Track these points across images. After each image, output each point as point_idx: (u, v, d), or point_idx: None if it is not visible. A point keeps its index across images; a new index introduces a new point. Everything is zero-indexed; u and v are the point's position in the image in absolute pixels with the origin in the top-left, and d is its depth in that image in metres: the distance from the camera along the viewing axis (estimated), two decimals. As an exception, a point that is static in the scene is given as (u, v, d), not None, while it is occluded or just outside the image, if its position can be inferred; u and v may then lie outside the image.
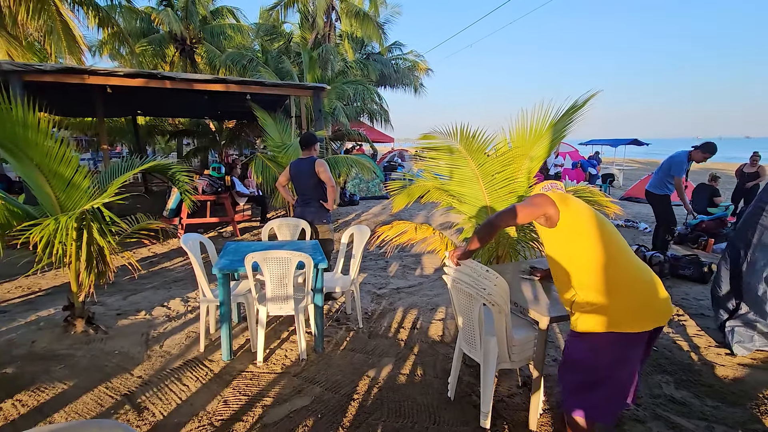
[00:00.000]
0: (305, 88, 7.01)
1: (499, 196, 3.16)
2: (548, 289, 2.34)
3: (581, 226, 1.74)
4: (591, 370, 1.73)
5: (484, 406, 2.19)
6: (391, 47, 16.99)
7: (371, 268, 5.11)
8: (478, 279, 2.04)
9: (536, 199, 1.82)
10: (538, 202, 1.80)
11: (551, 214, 1.76)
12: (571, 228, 1.75)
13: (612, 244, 1.72)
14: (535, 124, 3.03)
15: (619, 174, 15.79)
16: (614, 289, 1.66)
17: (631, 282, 1.68)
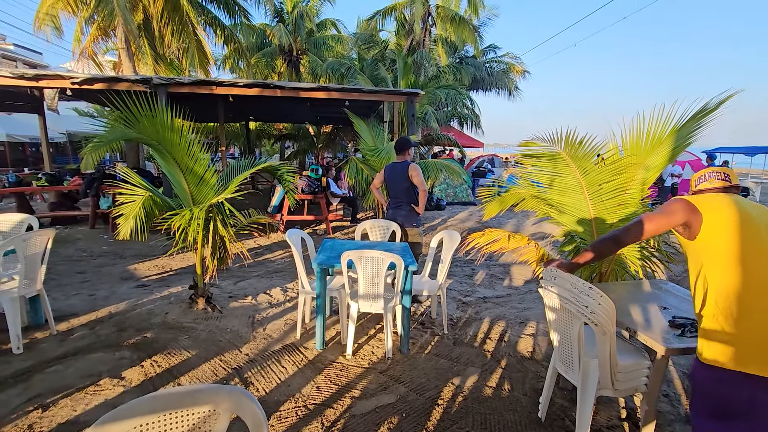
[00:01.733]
0: (400, 94, 7.19)
1: (605, 207, 2.91)
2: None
3: (727, 240, 1.46)
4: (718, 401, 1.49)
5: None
6: (486, 50, 16.60)
7: (457, 275, 5.05)
8: (579, 295, 1.91)
9: (672, 206, 1.60)
10: (673, 209, 1.58)
11: (692, 222, 1.52)
12: (713, 240, 1.49)
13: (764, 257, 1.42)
14: (653, 129, 2.73)
15: (756, 188, 13.38)
16: (751, 317, 1.40)
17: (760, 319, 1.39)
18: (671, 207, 1.60)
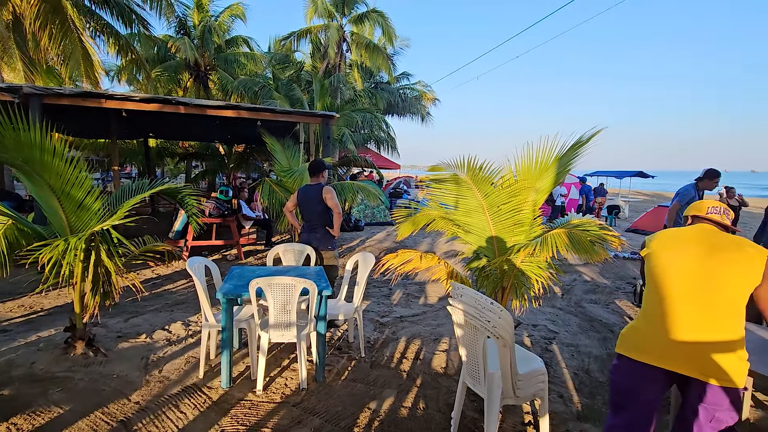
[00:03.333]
0: (315, 116, 7.18)
1: (504, 227, 3.16)
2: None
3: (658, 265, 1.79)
4: (612, 388, 1.83)
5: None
6: (399, 77, 17.48)
7: (374, 296, 5.07)
8: (482, 311, 2.02)
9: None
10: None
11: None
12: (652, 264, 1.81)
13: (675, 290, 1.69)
14: (540, 157, 3.06)
15: (625, 206, 15.77)
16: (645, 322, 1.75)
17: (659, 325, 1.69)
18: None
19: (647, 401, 1.72)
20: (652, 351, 1.68)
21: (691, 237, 1.79)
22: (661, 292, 1.72)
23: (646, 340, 1.71)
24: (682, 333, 1.63)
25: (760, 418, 2.69)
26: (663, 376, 1.67)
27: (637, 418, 1.73)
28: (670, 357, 1.64)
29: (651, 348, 1.68)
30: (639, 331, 1.76)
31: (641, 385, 1.70)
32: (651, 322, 1.72)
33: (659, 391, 1.72)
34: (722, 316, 1.62)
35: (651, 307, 1.75)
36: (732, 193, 7.86)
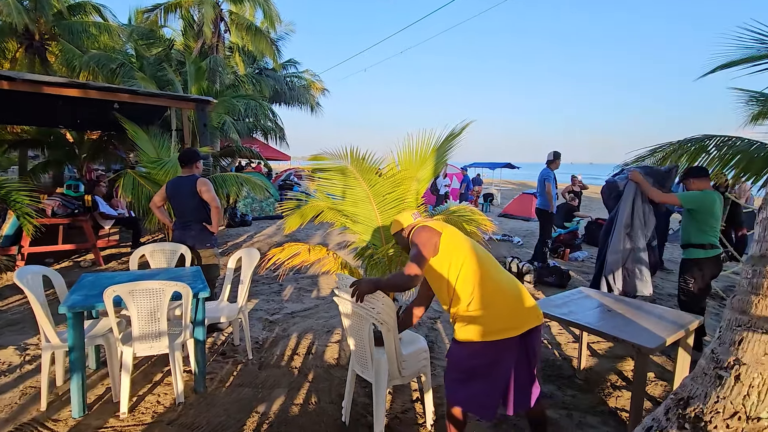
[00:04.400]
0: (188, 100, 6.45)
1: (389, 216, 3.26)
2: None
3: (458, 249, 1.92)
4: (466, 370, 1.88)
5: (377, 426, 2.18)
6: (286, 64, 16.77)
7: (264, 293, 4.83)
8: (367, 300, 2.05)
9: (423, 236, 1.96)
10: (427, 237, 1.95)
11: (437, 241, 1.93)
12: (450, 251, 1.92)
13: (483, 261, 1.91)
14: (419, 148, 3.23)
15: (497, 194, 17.77)
16: (488, 303, 1.82)
17: (501, 296, 1.85)
18: (423, 237, 1.97)
19: (506, 369, 1.86)
20: (513, 325, 1.82)
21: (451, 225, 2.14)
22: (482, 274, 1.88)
23: (503, 318, 1.82)
24: (518, 296, 1.88)
25: (594, 363, 3.29)
26: (516, 341, 1.85)
27: (499, 383, 1.86)
28: (525, 320, 1.85)
29: (511, 323, 1.82)
30: (493, 314, 1.83)
31: (503, 355, 1.84)
32: (495, 302, 1.84)
33: (514, 356, 1.88)
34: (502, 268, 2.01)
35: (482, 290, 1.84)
36: (575, 180, 9.44)
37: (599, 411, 2.65)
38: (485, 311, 1.81)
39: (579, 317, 2.54)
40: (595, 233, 8.20)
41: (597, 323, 2.44)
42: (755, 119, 4.97)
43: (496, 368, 1.85)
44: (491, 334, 1.80)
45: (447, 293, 1.91)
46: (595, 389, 2.90)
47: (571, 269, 6.05)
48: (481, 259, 1.92)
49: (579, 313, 2.61)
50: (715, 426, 1.28)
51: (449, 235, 1.98)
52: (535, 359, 1.92)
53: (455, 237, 1.98)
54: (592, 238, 8.21)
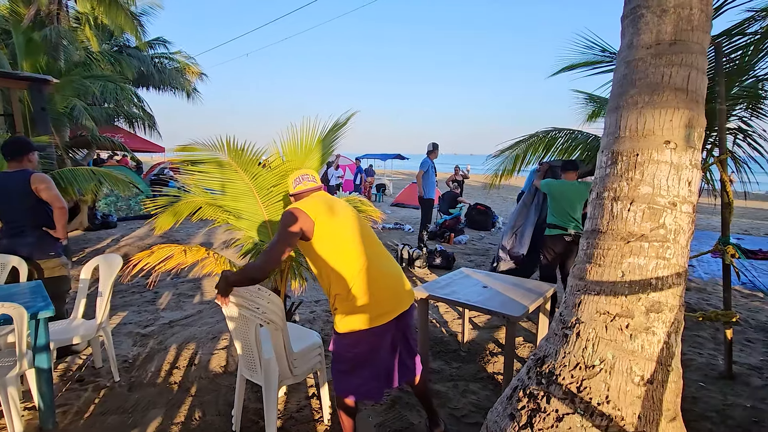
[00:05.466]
0: (16, 79, 5.24)
1: (276, 210, 3.11)
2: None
3: (338, 233, 1.87)
4: (352, 359, 1.88)
5: (269, 428, 2.08)
6: (153, 43, 14.79)
7: (134, 304, 4.23)
8: (251, 299, 1.92)
9: (288, 221, 1.83)
10: (291, 220, 1.83)
11: (307, 227, 1.83)
12: (330, 235, 1.86)
13: (366, 246, 1.89)
14: (304, 139, 3.13)
15: (389, 184, 18.41)
16: (369, 289, 1.83)
17: (382, 282, 1.86)
18: (288, 220, 1.84)
19: (388, 352, 1.92)
20: (391, 309, 1.85)
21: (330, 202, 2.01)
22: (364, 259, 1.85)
23: (382, 304, 1.83)
24: (397, 281, 1.92)
25: (475, 336, 3.63)
26: (394, 323, 1.89)
27: (382, 367, 1.92)
28: (400, 303, 1.91)
29: (390, 307, 1.85)
30: (374, 301, 1.82)
31: (383, 339, 1.89)
32: (376, 288, 1.83)
33: (392, 336, 1.94)
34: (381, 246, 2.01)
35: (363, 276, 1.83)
36: (458, 170, 10.29)
37: (480, 377, 2.94)
38: (366, 298, 1.81)
39: (460, 296, 2.76)
40: (476, 218, 9.08)
41: (475, 299, 2.68)
42: (590, 118, 5.97)
43: (378, 353, 1.89)
44: (372, 321, 1.81)
45: (327, 278, 1.86)
46: (477, 359, 3.21)
47: (456, 252, 6.59)
48: (364, 243, 1.90)
49: (460, 292, 2.83)
50: (563, 377, 1.51)
51: (328, 218, 1.88)
52: (412, 335, 2.04)
53: (336, 220, 1.89)
54: (473, 222, 9.06)
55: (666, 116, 1.48)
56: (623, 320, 1.46)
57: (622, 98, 1.59)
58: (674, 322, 1.46)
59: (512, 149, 4.78)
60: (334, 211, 1.94)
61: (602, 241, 1.56)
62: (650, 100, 1.51)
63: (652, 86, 1.51)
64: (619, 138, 1.57)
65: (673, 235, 1.47)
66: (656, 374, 1.42)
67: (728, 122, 3.99)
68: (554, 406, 1.48)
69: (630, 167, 1.52)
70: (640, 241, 1.48)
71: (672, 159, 1.47)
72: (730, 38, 3.58)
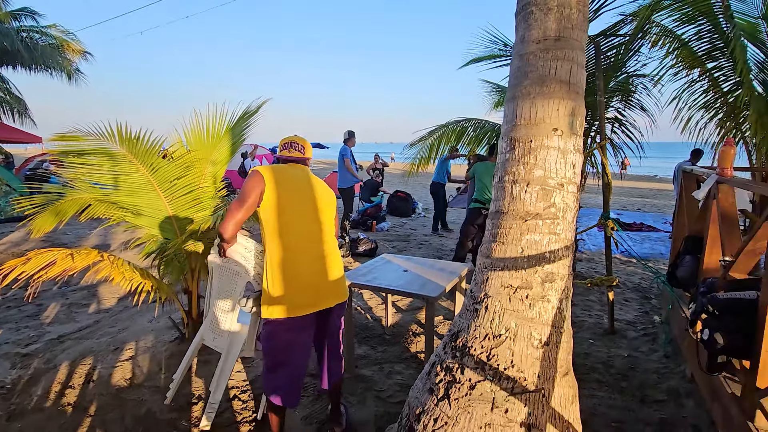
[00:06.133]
0: None
1: (183, 204, 2.87)
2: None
3: (280, 209, 1.77)
4: (271, 354, 1.85)
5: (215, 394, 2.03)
6: (18, 14, 12.51)
7: (11, 320, 3.63)
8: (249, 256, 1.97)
9: (247, 184, 1.76)
10: (249, 180, 1.76)
11: (258, 191, 1.74)
12: (270, 208, 1.76)
13: (301, 235, 1.81)
14: (211, 127, 2.92)
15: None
16: (293, 274, 1.77)
17: (307, 269, 1.82)
18: (248, 181, 1.77)
19: (303, 351, 1.88)
20: (312, 301, 1.81)
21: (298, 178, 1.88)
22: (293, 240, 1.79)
23: (305, 293, 1.79)
24: (324, 272, 1.86)
25: (399, 319, 3.75)
26: (313, 319, 1.85)
27: (297, 369, 1.89)
28: (326, 296, 1.87)
29: (312, 299, 1.80)
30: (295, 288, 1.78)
31: (298, 336, 1.83)
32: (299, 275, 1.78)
33: (310, 335, 1.91)
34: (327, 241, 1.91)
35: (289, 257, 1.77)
36: (378, 158, 10.45)
37: (404, 358, 3.05)
38: (288, 285, 1.76)
39: (381, 281, 2.82)
40: (396, 205, 9.31)
41: (396, 284, 2.76)
42: (496, 106, 6.43)
43: (292, 352, 1.84)
44: (288, 311, 1.76)
45: (266, 252, 1.81)
46: (401, 341, 3.32)
47: (378, 239, 6.71)
48: (306, 230, 1.82)
49: (381, 278, 2.89)
50: (475, 348, 1.63)
51: (280, 190, 1.76)
52: (338, 331, 2.03)
53: (287, 196, 1.78)
54: (394, 209, 9.29)
55: (553, 106, 1.64)
56: (523, 291, 1.61)
57: (517, 89, 1.73)
58: (564, 289, 1.65)
59: (427, 138, 4.97)
60: (293, 187, 1.83)
61: (504, 221, 1.70)
62: (540, 91, 1.66)
63: (542, 78, 1.66)
64: (516, 126, 1.71)
65: (562, 213, 1.65)
66: (551, 337, 1.60)
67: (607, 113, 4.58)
68: (468, 375, 1.60)
69: (525, 152, 1.67)
70: (536, 219, 1.63)
71: (559, 144, 1.64)
72: (607, 38, 4.08)
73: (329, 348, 2.01)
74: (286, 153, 1.97)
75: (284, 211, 1.78)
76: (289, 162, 1.97)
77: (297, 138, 2.01)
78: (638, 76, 4.51)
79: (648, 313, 3.93)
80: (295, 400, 1.89)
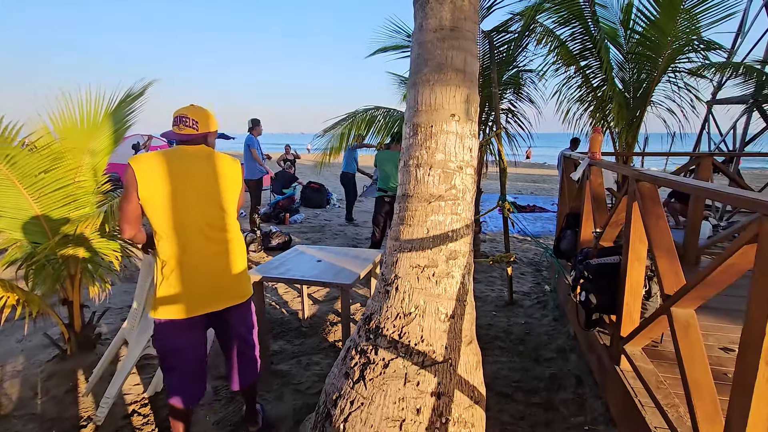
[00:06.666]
0: None
1: (52, 203, 2.47)
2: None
3: (161, 202, 1.59)
4: (162, 356, 1.73)
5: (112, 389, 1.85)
6: None
7: None
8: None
9: (124, 176, 1.59)
10: (125, 178, 1.59)
11: (133, 187, 1.56)
12: (150, 202, 1.58)
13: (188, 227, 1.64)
14: (87, 112, 2.54)
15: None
16: (178, 278, 1.63)
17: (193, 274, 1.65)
18: (125, 176, 1.59)
19: (192, 353, 1.74)
20: (193, 304, 1.65)
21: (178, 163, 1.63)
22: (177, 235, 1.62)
23: (186, 293, 1.64)
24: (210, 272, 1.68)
25: (316, 310, 3.70)
26: (203, 319, 1.72)
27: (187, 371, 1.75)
28: (213, 299, 1.70)
29: (191, 301, 1.65)
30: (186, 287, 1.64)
31: (185, 338, 1.70)
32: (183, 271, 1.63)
33: (202, 338, 1.78)
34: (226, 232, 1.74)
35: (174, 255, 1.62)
36: (288, 149, 10.10)
37: (322, 348, 3.03)
38: (177, 283, 1.62)
39: (295, 273, 2.75)
40: (310, 196, 9.13)
41: (310, 274, 2.71)
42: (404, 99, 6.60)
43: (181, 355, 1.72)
44: (173, 311, 1.63)
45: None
46: (318, 331, 3.29)
47: (292, 231, 6.54)
48: (196, 223, 1.64)
49: (295, 270, 2.82)
50: (387, 329, 1.67)
51: (158, 182, 1.56)
52: (248, 331, 1.89)
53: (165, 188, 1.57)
54: (308, 201, 9.11)
55: (450, 93, 1.73)
56: (430, 270, 1.70)
57: (417, 76, 1.79)
58: (467, 265, 1.77)
59: (336, 127, 4.93)
60: (180, 175, 1.60)
61: (411, 204, 1.76)
62: (439, 78, 1.74)
63: (440, 66, 1.74)
64: (418, 111, 1.77)
65: (462, 194, 1.76)
66: (456, 310, 1.71)
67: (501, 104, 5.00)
68: (381, 355, 1.64)
69: (427, 137, 1.74)
70: (439, 201, 1.72)
71: (457, 130, 1.74)
72: (499, 34, 4.43)
73: (240, 349, 1.89)
74: (175, 131, 1.70)
75: (167, 206, 1.59)
76: (182, 143, 1.70)
77: (190, 109, 1.70)
78: (526, 71, 4.99)
79: (540, 284, 4.43)
80: (191, 401, 1.78)
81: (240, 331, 1.86)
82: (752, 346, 1.08)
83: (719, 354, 2.17)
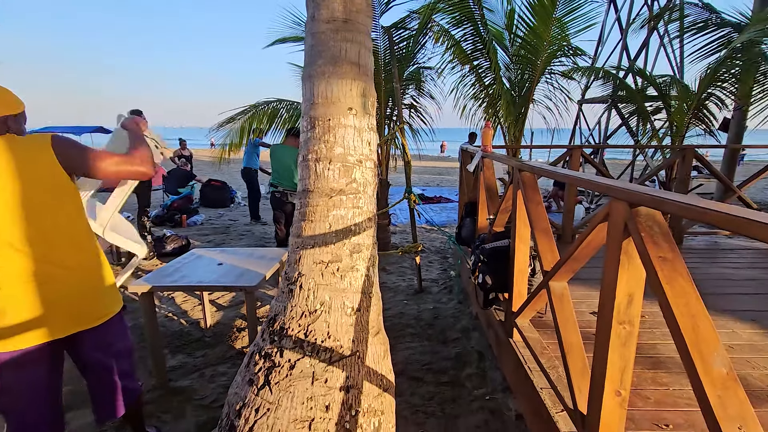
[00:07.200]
0: None
1: None
2: None
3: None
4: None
5: None
6: None
7: None
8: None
9: None
10: None
11: None
12: None
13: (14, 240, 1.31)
14: None
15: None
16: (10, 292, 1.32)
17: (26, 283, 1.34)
18: None
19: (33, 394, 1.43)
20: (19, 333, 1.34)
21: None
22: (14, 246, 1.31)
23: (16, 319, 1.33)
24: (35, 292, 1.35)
25: (220, 317, 3.46)
26: (46, 350, 1.40)
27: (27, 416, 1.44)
28: (46, 326, 1.38)
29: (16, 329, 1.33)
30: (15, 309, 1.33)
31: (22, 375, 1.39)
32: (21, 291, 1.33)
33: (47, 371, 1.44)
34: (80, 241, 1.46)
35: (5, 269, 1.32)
36: (184, 145, 9.27)
37: (228, 357, 2.84)
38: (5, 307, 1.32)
39: (192, 278, 2.52)
40: (210, 195, 8.49)
41: (209, 279, 2.51)
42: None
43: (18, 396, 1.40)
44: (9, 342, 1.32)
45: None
46: (223, 339, 3.08)
47: (191, 234, 6.02)
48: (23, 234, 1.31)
49: (192, 275, 2.59)
50: (292, 329, 1.62)
51: None
52: (110, 356, 1.58)
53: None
54: (208, 200, 8.46)
55: (347, 86, 1.72)
56: (334, 265, 1.68)
57: (312, 68, 1.74)
58: (371, 257, 1.79)
59: (235, 121, 4.63)
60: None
61: (311, 199, 1.72)
62: (334, 70, 1.71)
63: (335, 58, 1.71)
64: (314, 104, 1.73)
65: (363, 187, 1.77)
66: (362, 303, 1.72)
67: (403, 99, 5.16)
68: (287, 357, 1.58)
69: (325, 131, 1.71)
70: (340, 195, 1.71)
71: (355, 123, 1.74)
72: (398, 30, 4.55)
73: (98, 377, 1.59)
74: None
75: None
76: None
77: None
78: (426, 68, 5.22)
79: (446, 270, 4.71)
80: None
81: (95, 357, 1.54)
82: (606, 307, 1.27)
83: (590, 318, 2.51)
